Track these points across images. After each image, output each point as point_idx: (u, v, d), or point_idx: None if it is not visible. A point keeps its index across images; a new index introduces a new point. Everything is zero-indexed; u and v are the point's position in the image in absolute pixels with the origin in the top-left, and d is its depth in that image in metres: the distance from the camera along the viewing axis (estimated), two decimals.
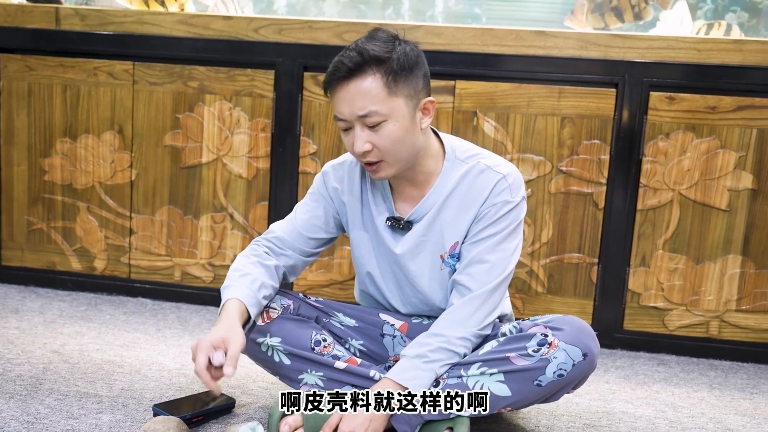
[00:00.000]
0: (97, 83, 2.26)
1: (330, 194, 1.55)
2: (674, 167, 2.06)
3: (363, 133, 1.36)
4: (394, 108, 1.35)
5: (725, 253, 2.07)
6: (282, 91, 2.18)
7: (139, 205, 2.30)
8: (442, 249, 1.47)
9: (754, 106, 2.01)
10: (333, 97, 1.38)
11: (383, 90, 1.34)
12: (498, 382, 1.35)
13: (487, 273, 1.41)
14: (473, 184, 1.45)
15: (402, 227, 1.48)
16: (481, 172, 1.45)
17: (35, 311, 2.15)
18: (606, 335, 2.11)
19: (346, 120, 1.37)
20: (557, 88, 2.07)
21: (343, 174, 1.54)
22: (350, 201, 1.53)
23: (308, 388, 1.47)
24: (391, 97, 1.35)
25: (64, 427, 1.45)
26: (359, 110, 1.34)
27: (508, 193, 1.43)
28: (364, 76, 1.33)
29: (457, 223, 1.46)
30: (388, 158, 1.38)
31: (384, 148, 1.37)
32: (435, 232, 1.47)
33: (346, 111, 1.36)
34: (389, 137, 1.36)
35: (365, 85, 1.34)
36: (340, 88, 1.36)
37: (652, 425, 1.65)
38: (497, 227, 1.43)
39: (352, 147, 1.38)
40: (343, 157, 1.58)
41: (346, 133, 1.40)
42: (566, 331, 1.34)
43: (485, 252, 1.42)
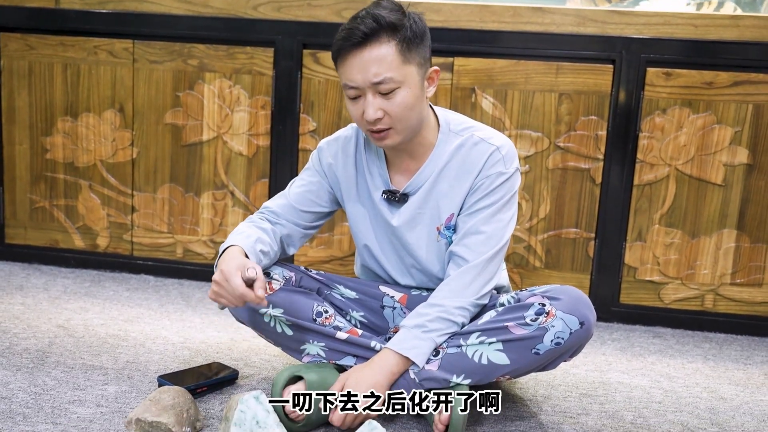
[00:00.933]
0: (97, 62, 2.26)
1: (324, 170, 1.56)
2: (671, 143, 2.07)
3: (375, 101, 1.36)
4: (408, 75, 1.36)
5: (720, 227, 2.08)
6: (281, 68, 2.18)
7: (140, 183, 2.31)
8: (438, 221, 1.49)
9: (750, 81, 2.01)
10: (344, 65, 1.37)
11: (398, 57, 1.34)
12: (497, 351, 1.37)
13: (483, 243, 1.43)
14: (467, 156, 1.46)
15: (398, 200, 1.50)
16: (475, 145, 1.46)
17: (39, 288, 2.17)
18: (602, 309, 2.13)
19: (357, 87, 1.37)
20: (555, 64, 2.08)
21: (337, 149, 1.55)
22: (345, 175, 1.54)
23: (310, 358, 1.49)
24: (405, 64, 1.35)
25: (71, 398, 1.47)
26: (374, 77, 1.34)
27: (502, 165, 1.45)
28: (380, 43, 1.33)
29: (452, 195, 1.47)
30: (398, 126, 1.39)
31: (396, 116, 1.37)
32: (431, 204, 1.49)
33: (359, 78, 1.35)
34: (402, 104, 1.36)
35: (381, 51, 1.33)
36: (353, 54, 1.35)
37: (647, 395, 1.67)
38: (492, 198, 1.44)
39: (362, 115, 1.38)
40: (338, 133, 1.58)
41: (354, 101, 1.39)
42: (563, 300, 1.36)
43: (481, 223, 1.44)
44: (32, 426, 1.35)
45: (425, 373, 1.39)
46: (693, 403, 1.64)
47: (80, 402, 1.45)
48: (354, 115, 1.41)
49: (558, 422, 1.51)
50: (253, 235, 1.45)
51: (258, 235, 1.46)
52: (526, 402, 1.59)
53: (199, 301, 2.15)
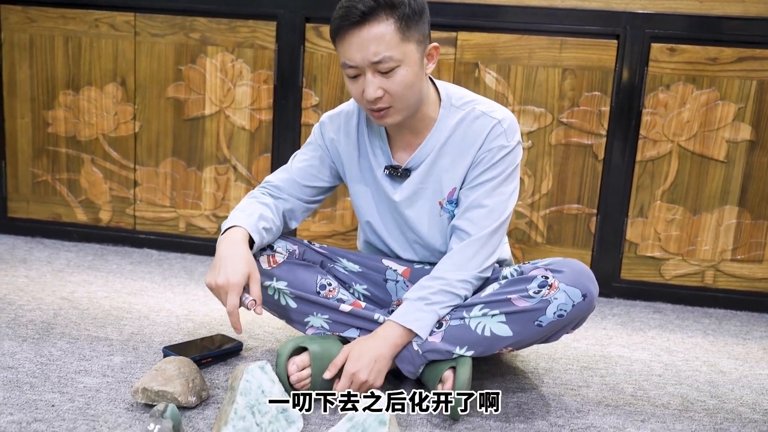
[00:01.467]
0: (98, 35, 2.25)
1: (327, 144, 1.56)
2: (674, 119, 2.06)
3: (375, 79, 1.35)
4: (407, 53, 1.35)
5: (722, 203, 2.09)
6: (284, 42, 2.17)
7: (143, 157, 2.31)
8: (440, 195, 1.49)
9: (754, 57, 2.01)
10: (342, 44, 1.36)
11: (397, 35, 1.33)
12: (500, 323, 1.38)
13: (485, 217, 1.43)
14: (469, 130, 1.46)
15: (400, 175, 1.50)
16: (476, 118, 1.46)
17: (43, 261, 2.17)
18: (604, 284, 2.14)
19: (356, 67, 1.36)
20: (559, 39, 2.07)
21: (340, 124, 1.55)
22: (347, 151, 1.54)
23: (314, 330, 1.51)
24: (404, 42, 1.34)
25: (77, 368, 1.48)
26: (373, 56, 1.33)
27: (503, 138, 1.45)
28: (378, 21, 1.32)
29: (454, 169, 1.47)
30: (398, 104, 1.38)
31: (396, 94, 1.36)
32: (433, 178, 1.49)
33: (357, 57, 1.34)
34: (401, 83, 1.36)
35: (379, 30, 1.32)
36: (351, 33, 1.33)
37: (647, 368, 1.69)
38: (494, 172, 1.44)
39: (362, 94, 1.37)
40: (340, 108, 1.58)
41: (354, 80, 1.38)
42: (566, 273, 1.36)
43: (483, 197, 1.44)
44: (39, 395, 1.36)
45: (428, 344, 1.40)
46: (692, 377, 1.66)
47: (86, 372, 1.47)
48: (354, 94, 1.40)
49: (559, 394, 1.52)
50: (256, 212, 1.45)
51: (260, 212, 1.46)
52: (527, 374, 1.61)
53: (202, 274, 2.16)
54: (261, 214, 1.46)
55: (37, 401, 1.33)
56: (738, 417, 1.47)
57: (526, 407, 1.45)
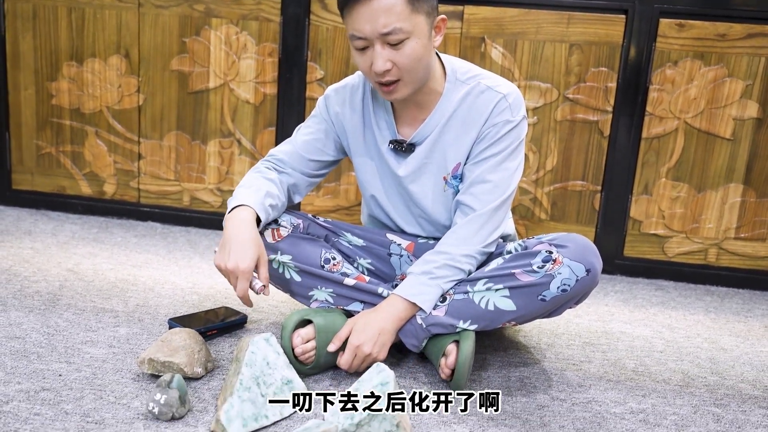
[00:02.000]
0: (102, 6, 2.23)
1: (332, 118, 1.55)
2: (681, 96, 2.05)
3: (384, 51, 1.34)
4: (416, 25, 1.34)
5: (727, 181, 2.08)
6: (289, 15, 2.15)
7: (147, 130, 2.30)
8: (444, 170, 1.49)
9: (764, 33, 1.99)
10: (351, 15, 1.35)
11: (407, 6, 1.32)
12: (503, 297, 1.38)
13: (489, 192, 1.43)
14: (474, 104, 1.45)
15: (405, 150, 1.50)
16: (481, 93, 1.45)
17: (48, 233, 2.18)
18: (607, 261, 2.15)
19: (365, 38, 1.34)
20: (566, 14, 2.05)
21: (345, 97, 1.54)
22: (352, 125, 1.54)
23: (318, 303, 1.51)
24: (414, 13, 1.33)
25: (83, 339, 1.49)
26: (382, 27, 1.32)
27: (508, 113, 1.44)
28: None
29: (458, 144, 1.47)
30: (407, 77, 1.37)
31: (404, 67, 1.36)
32: (437, 153, 1.49)
33: (367, 28, 1.33)
34: (411, 55, 1.35)
35: (389, 1, 1.31)
36: (360, 4, 1.32)
37: (649, 344, 1.70)
38: (498, 147, 1.44)
39: (370, 66, 1.36)
40: (345, 81, 1.57)
41: (362, 52, 1.37)
42: (570, 248, 1.37)
43: (487, 172, 1.44)
44: (46, 364, 1.37)
45: (432, 318, 1.41)
46: (694, 353, 1.67)
47: (92, 343, 1.48)
48: (362, 66, 1.39)
49: (561, 369, 1.53)
50: (262, 188, 1.45)
51: (267, 189, 1.46)
52: (530, 349, 1.62)
53: (206, 248, 2.16)
54: (267, 191, 1.46)
55: (45, 371, 1.35)
56: (738, 393, 1.48)
57: (528, 381, 1.46)
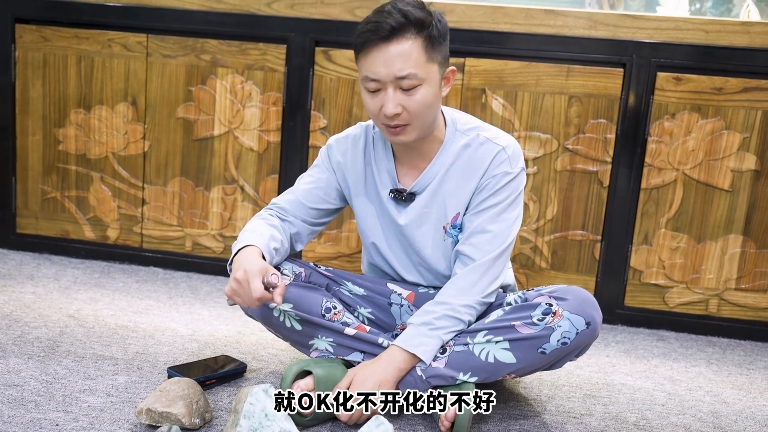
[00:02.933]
0: (111, 55, 2.28)
1: (333, 167, 1.57)
2: (679, 147, 2.07)
3: (396, 95, 1.37)
4: (429, 73, 1.37)
5: (726, 232, 2.09)
6: (293, 65, 2.19)
7: (151, 176, 2.33)
8: (444, 220, 1.50)
9: (759, 88, 2.02)
10: (367, 57, 1.37)
11: (423, 54, 1.35)
12: (503, 349, 1.38)
13: (489, 242, 1.44)
14: (473, 155, 1.47)
15: (405, 199, 1.51)
16: (481, 144, 1.48)
17: (50, 278, 2.18)
18: (607, 311, 2.14)
19: (379, 81, 1.37)
20: (566, 67, 2.08)
21: (346, 147, 1.57)
22: (354, 173, 1.56)
23: (318, 353, 1.51)
24: (428, 62, 1.37)
25: (82, 387, 1.49)
26: (399, 71, 1.34)
27: (507, 165, 1.46)
28: (406, 39, 1.34)
29: (458, 194, 1.48)
30: (415, 122, 1.40)
31: (414, 112, 1.38)
32: (437, 203, 1.50)
33: (382, 72, 1.35)
34: (421, 102, 1.37)
35: (407, 47, 1.34)
36: (378, 48, 1.35)
37: (650, 397, 1.68)
38: (498, 198, 1.46)
39: (380, 109, 1.38)
40: (347, 131, 1.60)
41: (373, 94, 1.39)
42: (570, 300, 1.37)
43: (487, 222, 1.45)
44: (44, 413, 1.36)
45: (432, 370, 1.40)
46: (696, 407, 1.65)
47: (91, 391, 1.47)
48: (371, 108, 1.41)
49: (562, 422, 1.52)
50: (266, 233, 1.46)
51: (271, 233, 1.47)
52: (530, 401, 1.60)
53: (207, 294, 2.16)
54: (271, 235, 1.47)
55: (42, 420, 1.34)
56: None
57: None
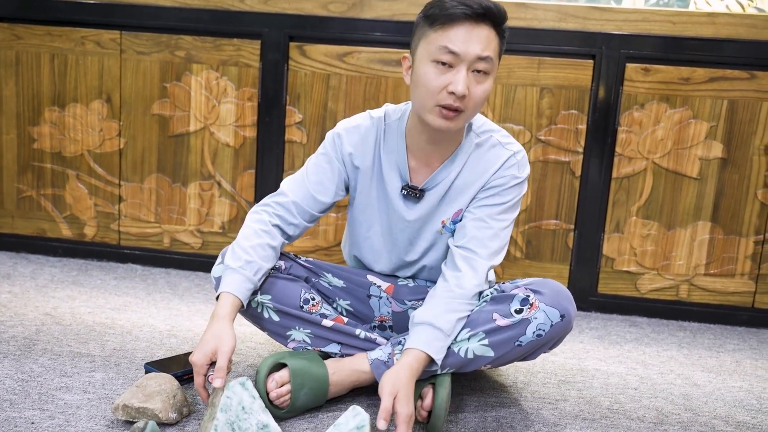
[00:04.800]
0: (84, 52, 2.23)
1: (343, 158, 1.50)
2: (648, 137, 2.08)
3: (468, 76, 1.32)
4: (495, 66, 1.36)
5: (695, 219, 2.10)
6: (268, 60, 2.16)
7: (127, 173, 2.28)
8: (446, 216, 1.49)
9: (725, 77, 2.03)
10: (450, 30, 1.30)
11: (498, 47, 1.35)
12: (483, 345, 1.37)
13: (490, 239, 1.43)
14: (484, 156, 1.46)
15: (417, 196, 1.48)
16: (492, 147, 1.46)
17: (27, 276, 2.14)
18: (581, 298, 2.14)
19: (457, 56, 1.31)
20: (537, 59, 2.08)
21: (357, 139, 1.49)
22: (363, 167, 1.50)
23: (296, 344, 1.49)
24: (498, 56, 1.36)
25: (58, 385, 1.45)
26: (482, 51, 1.31)
27: (516, 169, 1.46)
28: (491, 26, 1.32)
29: (465, 192, 1.47)
30: (469, 111, 1.36)
31: (475, 100, 1.34)
32: (446, 200, 1.48)
33: (464, 47, 1.30)
34: (485, 91, 1.35)
35: (491, 34, 1.33)
36: (467, 23, 1.30)
37: (623, 381, 1.69)
38: (502, 198, 1.45)
39: (444, 87, 1.32)
40: (357, 121, 1.51)
41: (441, 70, 1.32)
42: (545, 293, 1.36)
43: (488, 218, 1.44)
44: (19, 412, 1.33)
45: None
46: (667, 390, 1.65)
47: (67, 388, 1.44)
48: (434, 84, 1.33)
49: (537, 408, 1.51)
50: (261, 267, 1.41)
51: (260, 266, 1.41)
52: (506, 388, 1.60)
53: (185, 290, 2.13)
54: (260, 267, 1.41)
55: (17, 419, 1.31)
56: (712, 429, 1.47)
57: (505, 422, 1.44)
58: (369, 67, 2.13)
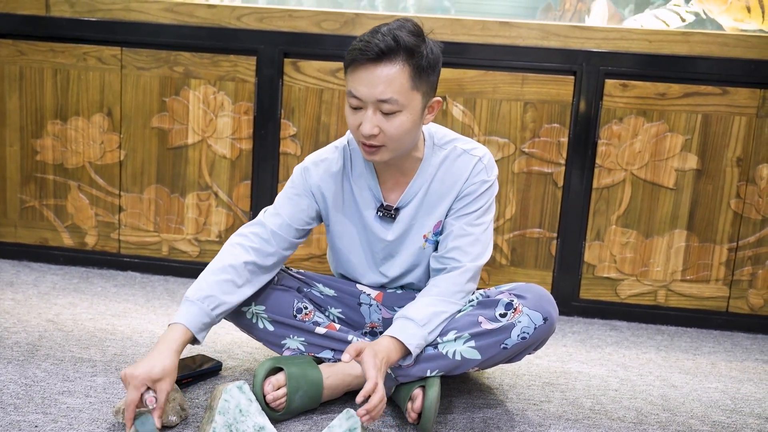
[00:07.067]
0: (86, 68, 2.24)
1: (312, 190, 1.50)
2: (627, 149, 2.11)
3: (375, 117, 1.32)
4: (411, 101, 1.32)
5: (672, 228, 2.13)
6: (263, 76, 2.18)
7: (127, 184, 2.29)
8: (426, 229, 1.50)
9: (699, 93, 2.06)
10: (353, 75, 1.32)
11: (408, 82, 1.30)
12: (470, 348, 1.38)
13: (472, 245, 1.45)
14: (452, 167, 1.47)
15: (392, 215, 1.48)
16: (458, 156, 1.47)
17: (29, 284, 2.13)
18: (563, 304, 2.16)
19: (360, 100, 1.32)
20: (521, 75, 2.10)
21: (324, 171, 1.49)
22: (332, 196, 1.50)
23: (291, 352, 1.50)
24: (412, 90, 1.32)
25: (61, 389, 1.45)
26: (380, 95, 1.30)
27: (485, 173, 1.47)
28: (394, 64, 1.29)
29: (440, 204, 1.48)
30: (390, 145, 1.35)
31: (390, 136, 1.34)
32: (421, 215, 1.49)
33: (365, 92, 1.31)
34: (399, 127, 1.33)
35: (392, 72, 1.29)
36: (365, 68, 1.30)
37: (604, 383, 1.70)
38: (477, 204, 1.46)
39: (358, 127, 1.34)
40: (323, 155, 1.52)
41: (354, 111, 1.35)
42: (529, 298, 1.38)
43: (468, 225, 1.45)
44: (23, 416, 1.33)
45: (402, 370, 1.40)
46: (646, 391, 1.67)
47: (69, 393, 1.44)
48: (351, 123, 1.37)
49: (522, 409, 1.53)
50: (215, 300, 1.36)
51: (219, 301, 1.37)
52: (493, 390, 1.61)
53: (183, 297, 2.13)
54: (219, 303, 1.36)
55: (21, 422, 1.31)
56: (689, 429, 1.49)
57: (491, 422, 1.45)
58: None
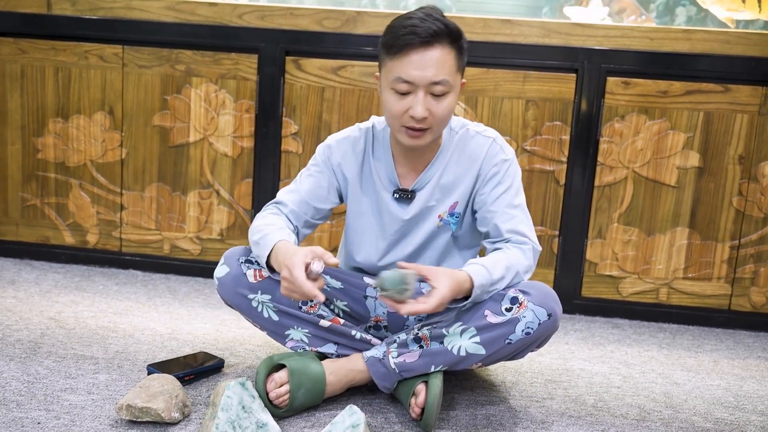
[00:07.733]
0: (87, 66, 2.23)
1: (333, 168, 1.52)
2: (628, 147, 2.10)
3: (426, 99, 1.35)
4: (456, 82, 1.37)
5: (674, 225, 2.12)
6: (265, 74, 2.17)
7: (129, 182, 2.28)
8: (442, 209, 1.50)
9: (701, 90, 2.05)
10: (402, 59, 1.33)
11: (455, 63, 1.36)
12: (474, 343, 1.37)
13: (522, 222, 1.44)
14: (466, 147, 1.48)
15: (408, 197, 1.50)
16: (471, 138, 1.49)
17: (31, 282, 2.12)
18: (566, 301, 2.15)
19: (412, 83, 1.34)
20: (522, 73, 2.09)
21: (346, 149, 1.52)
22: (352, 176, 1.52)
23: (294, 343, 1.49)
24: (457, 72, 1.37)
25: (63, 386, 1.44)
26: (433, 77, 1.33)
27: (501, 152, 1.48)
28: (443, 46, 1.33)
29: (457, 184, 1.48)
30: (435, 127, 1.39)
31: (438, 117, 1.37)
32: (437, 196, 1.50)
33: (417, 75, 1.33)
34: (446, 108, 1.37)
35: (443, 54, 1.33)
36: (415, 51, 1.32)
37: (607, 380, 1.69)
38: (506, 184, 1.46)
39: (405, 111, 1.35)
40: (346, 133, 1.55)
41: (401, 96, 1.36)
42: (534, 294, 1.37)
43: (509, 208, 1.45)
44: (26, 412, 1.32)
45: (406, 365, 1.39)
46: (649, 388, 1.66)
47: (72, 390, 1.43)
48: (396, 110, 1.37)
49: (525, 406, 1.52)
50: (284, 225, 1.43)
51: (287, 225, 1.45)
52: (496, 387, 1.60)
53: (185, 294, 2.12)
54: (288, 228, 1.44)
55: (23, 419, 1.30)
56: (691, 426, 1.48)
57: (494, 419, 1.44)
58: (362, 80, 2.14)
